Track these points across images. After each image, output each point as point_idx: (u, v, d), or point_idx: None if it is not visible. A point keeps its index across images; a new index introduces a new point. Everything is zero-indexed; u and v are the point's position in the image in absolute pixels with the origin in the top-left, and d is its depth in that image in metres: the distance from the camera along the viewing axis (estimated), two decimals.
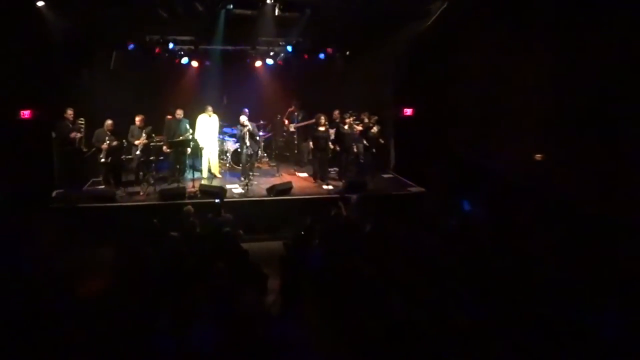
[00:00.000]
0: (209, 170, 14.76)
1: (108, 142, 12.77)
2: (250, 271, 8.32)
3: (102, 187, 13.17)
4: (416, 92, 14.83)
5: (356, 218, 10.56)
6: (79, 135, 12.76)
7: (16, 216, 10.48)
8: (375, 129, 14.52)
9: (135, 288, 7.13)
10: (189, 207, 10.38)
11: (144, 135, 13.12)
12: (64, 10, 12.31)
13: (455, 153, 13.92)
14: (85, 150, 12.87)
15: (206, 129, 14.48)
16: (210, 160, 14.78)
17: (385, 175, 15.44)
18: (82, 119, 12.82)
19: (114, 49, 14.69)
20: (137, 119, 13.27)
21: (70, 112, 12.80)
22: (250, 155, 14.09)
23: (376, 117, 14.73)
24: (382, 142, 14.68)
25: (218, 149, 15.15)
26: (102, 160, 12.85)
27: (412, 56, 14.52)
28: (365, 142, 14.42)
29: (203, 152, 14.47)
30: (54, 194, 12.59)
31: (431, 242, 8.76)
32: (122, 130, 13.30)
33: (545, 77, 11.44)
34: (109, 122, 12.94)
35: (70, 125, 12.77)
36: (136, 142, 13.16)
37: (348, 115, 14.29)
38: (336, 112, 14.76)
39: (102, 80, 14.41)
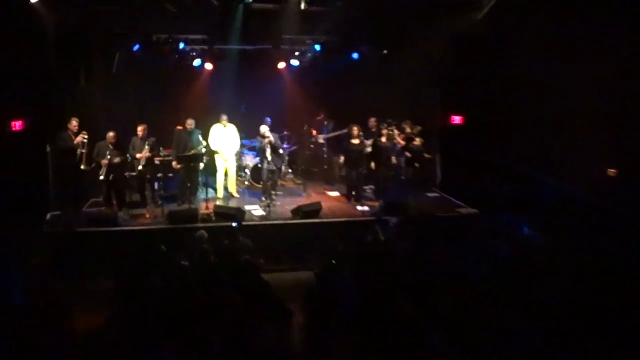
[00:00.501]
0: (225, 189, 14.89)
1: (109, 156, 12.94)
2: (271, 306, 8.29)
3: (103, 208, 13.35)
4: (466, 97, 14.77)
5: (395, 244, 10.53)
6: (83, 151, 12.93)
7: (5, 241, 10.69)
8: (418, 141, 14.56)
9: (136, 323, 7.19)
10: (202, 231, 10.49)
11: (146, 147, 13.30)
12: (59, 6, 12.51)
13: (511, 168, 13.82)
14: (84, 166, 13.02)
15: (221, 141, 14.60)
16: (226, 177, 14.90)
17: (430, 194, 15.39)
18: (85, 132, 12.97)
19: (116, 50, 14.94)
20: (139, 128, 13.44)
21: (75, 124, 13.01)
22: (272, 172, 14.09)
23: (419, 127, 14.78)
24: (427, 155, 14.70)
25: (236, 164, 15.26)
26: (102, 177, 12.98)
27: (461, 54, 14.39)
28: (407, 155, 14.44)
29: (218, 167, 14.63)
30: (48, 216, 12.80)
31: (481, 271, 8.72)
32: (127, 144, 13.51)
33: (613, 82, 11.33)
34: (110, 134, 13.12)
35: (74, 137, 12.97)
36: (137, 156, 13.32)
37: (386, 124, 14.35)
38: (372, 121, 14.81)
39: (103, 86, 14.72)
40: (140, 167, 13.33)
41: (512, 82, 13.85)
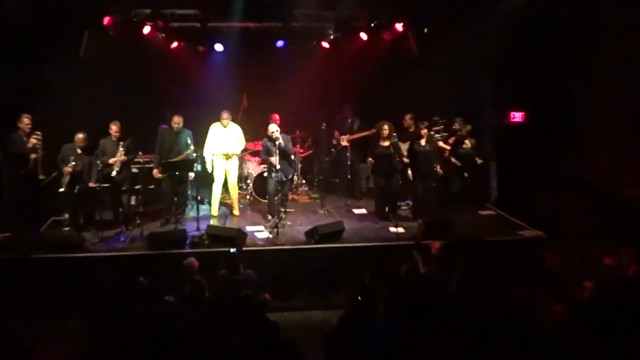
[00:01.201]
0: (223, 205, 14.92)
1: (73, 163, 12.96)
2: (280, 352, 8.26)
3: (67, 229, 13.36)
4: (530, 88, 14.74)
5: (439, 276, 10.43)
6: (33, 155, 12.90)
7: None
8: (468, 143, 14.46)
9: None
10: (192, 259, 10.44)
11: (120, 149, 13.28)
12: None
13: (592, 180, 13.70)
14: (42, 176, 12.99)
15: (221, 145, 14.58)
16: (229, 191, 14.91)
17: (484, 212, 15.39)
18: (38, 132, 12.95)
19: (84, 28, 14.95)
20: (113, 128, 13.45)
21: (26, 121, 12.99)
22: (281, 183, 14.12)
23: (469, 127, 14.67)
24: (479, 160, 14.57)
25: (237, 173, 15.20)
26: (62, 189, 12.99)
27: (522, 34, 14.35)
28: (454, 162, 14.33)
29: (216, 177, 14.63)
30: None
31: (554, 313, 8.58)
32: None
33: None
34: (80, 135, 13.19)
35: (26, 139, 12.96)
36: (110, 161, 13.30)
37: (426, 123, 14.25)
38: (407, 119, 14.78)
39: (68, 74, 14.71)
40: (114, 174, 13.24)
41: (589, 71, 13.71)
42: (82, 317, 8.95)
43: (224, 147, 14.54)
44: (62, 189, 12.98)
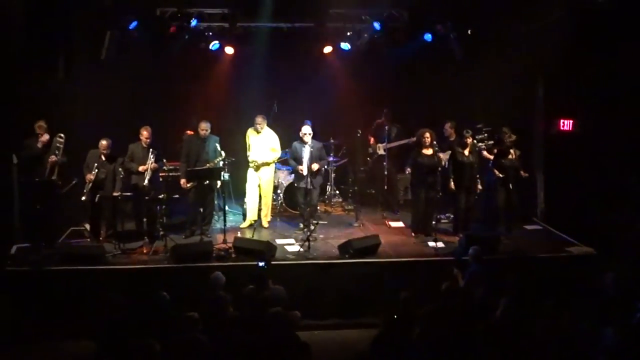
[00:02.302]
0: (253, 216, 14.86)
1: (96, 171, 12.98)
2: None
3: (86, 240, 13.41)
4: (581, 93, 14.64)
5: (482, 295, 10.34)
6: (54, 159, 12.96)
7: None
8: (513, 154, 14.30)
9: None
10: (218, 273, 10.40)
11: (151, 157, 13.22)
12: None
13: None
14: (54, 178, 13.03)
15: (255, 153, 14.58)
16: (262, 200, 14.85)
17: (529, 227, 15.25)
18: (61, 135, 13.05)
19: (107, 29, 14.97)
20: (144, 133, 13.37)
21: (41, 126, 13.05)
22: (309, 192, 14.02)
23: (514, 137, 14.51)
24: (524, 174, 14.41)
25: (271, 182, 15.09)
26: (84, 198, 13.00)
27: (575, 36, 14.20)
28: (497, 174, 14.20)
29: (249, 187, 14.62)
30: (13, 249, 12.83)
31: (608, 339, 8.42)
32: (122, 154, 13.50)
33: None
34: (103, 142, 13.18)
35: (41, 146, 13.01)
36: (141, 169, 13.23)
37: (470, 132, 14.13)
38: (448, 127, 14.66)
39: (89, 77, 14.77)
40: (145, 182, 13.11)
41: None
42: (95, 339, 8.88)
43: (255, 154, 14.54)
44: (84, 197, 12.98)
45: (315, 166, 13.92)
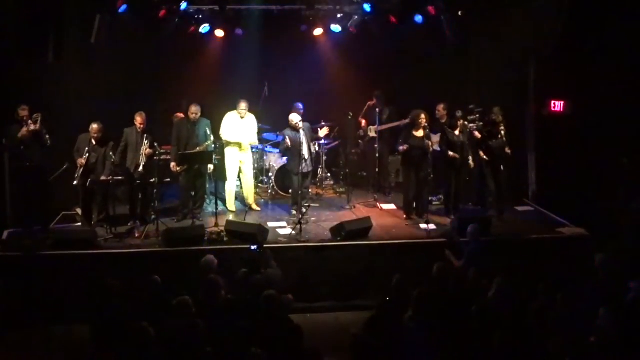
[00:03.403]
0: (239, 200, 14.92)
1: (87, 155, 12.97)
2: (304, 359, 8.22)
3: (78, 224, 13.45)
4: (572, 76, 14.63)
5: (473, 277, 10.36)
6: (32, 127, 12.69)
7: None
8: (502, 135, 14.30)
9: None
10: (210, 256, 10.42)
11: (145, 142, 13.28)
12: None
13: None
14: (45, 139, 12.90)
15: (237, 136, 14.57)
16: (243, 184, 14.94)
17: (521, 208, 15.28)
18: (37, 114, 12.84)
19: (96, 12, 14.83)
20: (138, 119, 13.39)
21: (24, 112, 12.86)
22: (304, 176, 14.12)
23: (501, 117, 14.48)
24: (508, 151, 14.34)
25: (255, 166, 15.25)
26: (76, 182, 12.94)
27: (566, 17, 14.15)
28: (482, 155, 14.16)
29: (230, 170, 14.63)
30: (4, 235, 12.90)
31: (605, 319, 8.45)
32: (114, 139, 13.50)
33: None
34: (94, 126, 13.12)
35: (26, 133, 12.86)
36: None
37: (461, 113, 14.13)
38: (441, 109, 14.65)
39: (79, 61, 14.73)
40: (141, 168, 13.20)
41: None
42: (88, 321, 8.88)
43: (239, 137, 14.52)
44: (76, 182, 12.94)
45: (324, 131, 14.34)
